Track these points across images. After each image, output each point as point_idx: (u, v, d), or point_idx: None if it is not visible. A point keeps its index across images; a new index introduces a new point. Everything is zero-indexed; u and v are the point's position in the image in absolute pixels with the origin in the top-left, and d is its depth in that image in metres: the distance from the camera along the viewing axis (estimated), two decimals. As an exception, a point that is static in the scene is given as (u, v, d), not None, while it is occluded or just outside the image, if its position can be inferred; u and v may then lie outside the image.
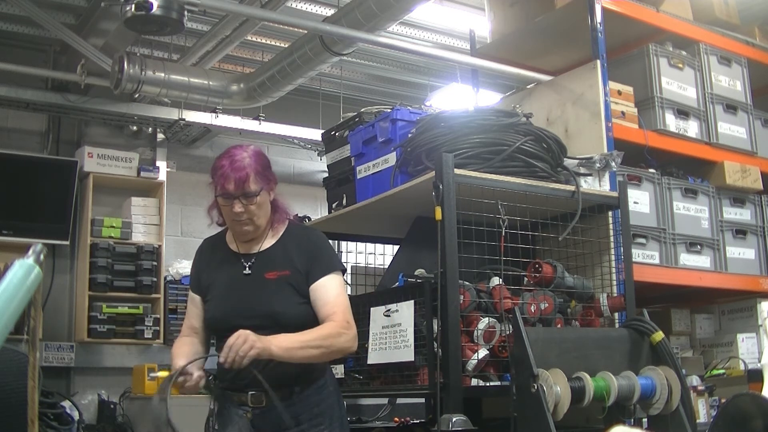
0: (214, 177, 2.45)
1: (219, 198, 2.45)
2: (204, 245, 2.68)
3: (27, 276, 1.46)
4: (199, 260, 2.64)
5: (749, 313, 4.06)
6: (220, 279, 2.53)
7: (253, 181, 2.42)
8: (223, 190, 2.42)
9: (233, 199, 2.41)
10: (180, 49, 5.91)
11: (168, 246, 6.39)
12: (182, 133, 6.61)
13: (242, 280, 2.50)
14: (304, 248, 2.51)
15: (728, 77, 4.20)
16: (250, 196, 2.42)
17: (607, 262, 3.07)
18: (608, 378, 2.50)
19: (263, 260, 2.50)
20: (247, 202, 2.42)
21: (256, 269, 2.50)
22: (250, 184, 2.41)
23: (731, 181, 4.00)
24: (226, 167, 2.41)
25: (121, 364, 6.07)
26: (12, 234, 5.66)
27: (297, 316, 2.43)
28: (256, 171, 2.43)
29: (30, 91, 5.86)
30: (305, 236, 2.57)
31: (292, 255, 2.49)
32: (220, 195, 2.44)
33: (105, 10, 4.97)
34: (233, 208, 2.42)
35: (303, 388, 2.42)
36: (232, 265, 2.53)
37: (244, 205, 2.41)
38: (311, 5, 5.59)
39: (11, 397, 1.99)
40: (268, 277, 2.47)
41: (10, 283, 1.43)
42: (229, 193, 2.41)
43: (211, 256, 2.61)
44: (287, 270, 2.47)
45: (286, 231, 2.56)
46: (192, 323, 2.59)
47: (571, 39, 3.86)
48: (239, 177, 2.39)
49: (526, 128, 2.96)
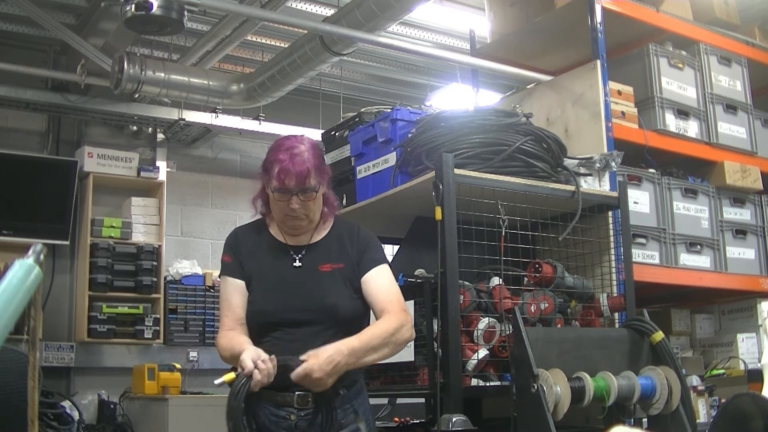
0: (270, 170, 2.30)
1: (275, 193, 2.31)
2: (240, 232, 2.49)
3: (27, 276, 1.46)
4: (237, 247, 2.43)
5: (749, 313, 4.06)
6: (267, 270, 2.37)
7: (314, 176, 2.30)
8: (282, 186, 2.28)
9: (291, 195, 2.29)
10: (180, 49, 5.91)
11: (168, 246, 6.39)
12: (182, 133, 6.61)
13: (293, 273, 2.35)
14: (355, 241, 2.40)
15: (728, 77, 4.20)
16: (309, 192, 2.30)
17: (607, 262, 3.07)
18: (608, 378, 2.50)
19: (315, 252, 2.38)
20: (305, 198, 2.30)
21: (307, 261, 2.37)
22: (311, 180, 2.29)
23: (731, 181, 4.00)
24: (286, 161, 2.27)
25: (121, 364, 6.07)
26: (12, 234, 5.66)
27: (353, 310, 2.33)
28: (315, 166, 2.31)
29: (30, 91, 5.86)
30: (356, 229, 2.45)
31: (345, 248, 2.39)
32: (278, 190, 2.29)
33: (105, 10, 4.96)
34: (290, 204, 2.29)
35: (347, 390, 2.29)
36: (278, 257, 2.38)
37: (302, 201, 2.30)
38: (311, 5, 5.58)
39: (11, 397, 1.99)
40: (323, 269, 2.34)
41: (10, 283, 1.43)
42: (287, 189, 2.28)
43: (253, 244, 2.43)
44: (341, 263, 2.36)
45: (335, 224, 2.45)
46: (238, 314, 2.35)
47: (571, 39, 3.86)
48: (300, 172, 2.26)
49: (526, 128, 2.96)
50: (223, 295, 2.40)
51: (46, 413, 3.59)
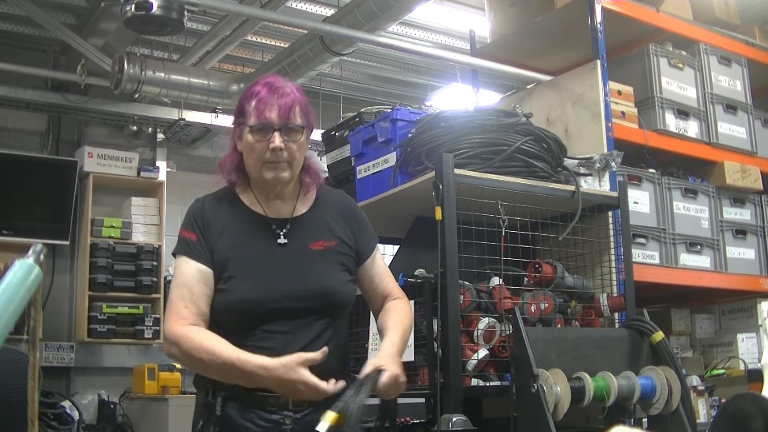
0: (245, 107, 2.00)
1: (251, 134, 1.97)
2: (205, 204, 2.08)
3: (27, 276, 1.46)
4: (205, 221, 2.03)
5: (749, 313, 4.06)
6: (246, 249, 2.00)
7: (299, 113, 2.00)
8: (261, 120, 1.96)
9: (273, 132, 1.96)
10: (180, 49, 5.91)
11: (168, 246, 6.38)
12: (182, 133, 6.62)
13: (278, 252, 2.00)
14: (348, 217, 2.13)
15: (728, 77, 4.20)
16: (295, 131, 1.98)
17: (607, 262, 3.06)
18: (608, 378, 2.50)
19: (301, 227, 2.05)
20: (289, 138, 1.98)
21: (294, 238, 2.03)
22: (296, 115, 1.99)
23: (731, 181, 4.00)
24: (264, 93, 1.98)
25: (121, 364, 6.07)
26: (12, 234, 5.67)
27: (349, 295, 2.06)
28: (301, 102, 2.02)
29: (30, 91, 5.86)
30: (346, 203, 2.19)
31: (336, 223, 2.10)
32: (256, 126, 1.96)
33: (105, 10, 4.97)
34: (272, 142, 1.95)
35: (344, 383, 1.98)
36: (258, 233, 2.02)
37: (285, 142, 1.97)
38: (311, 5, 5.59)
39: (11, 397, 1.98)
40: (314, 248, 2.02)
41: (10, 283, 1.43)
42: (269, 122, 1.96)
43: (226, 218, 2.04)
44: (333, 240, 2.06)
45: (320, 194, 2.15)
46: (200, 308, 1.94)
47: (571, 39, 3.86)
48: (285, 103, 1.97)
49: (526, 128, 2.96)
50: (180, 280, 1.96)
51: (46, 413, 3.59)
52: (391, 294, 2.15)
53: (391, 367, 1.88)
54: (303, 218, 2.08)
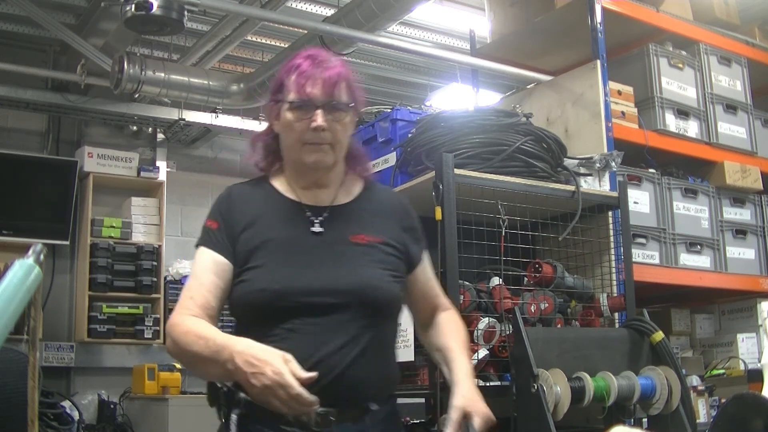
0: (284, 82, 1.78)
1: (291, 111, 1.75)
2: (236, 191, 1.87)
3: (27, 276, 1.46)
4: (231, 211, 1.81)
5: (749, 313, 4.06)
6: (275, 237, 1.76)
7: (346, 89, 1.77)
8: (302, 95, 1.73)
9: (315, 109, 1.73)
10: (180, 49, 5.91)
11: (168, 246, 6.39)
12: (182, 133, 6.62)
13: (311, 241, 1.77)
14: (400, 215, 1.90)
15: (728, 77, 4.20)
16: (340, 110, 1.75)
17: (607, 262, 3.07)
18: (608, 378, 2.50)
19: (342, 217, 1.81)
20: (333, 117, 1.74)
21: (331, 228, 1.79)
22: (342, 92, 1.76)
23: (731, 181, 4.00)
24: (307, 66, 1.75)
25: (121, 364, 6.07)
26: (12, 234, 5.66)
27: (394, 297, 1.79)
28: (347, 78, 1.79)
29: (30, 91, 5.86)
30: (398, 201, 1.95)
31: (384, 222, 1.85)
32: (297, 103, 1.74)
33: (105, 10, 4.97)
34: (314, 121, 1.72)
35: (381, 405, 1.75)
36: (290, 220, 1.79)
37: (329, 121, 1.74)
38: (311, 5, 5.58)
39: (11, 397, 1.98)
40: (355, 240, 1.78)
41: (10, 283, 1.43)
42: (310, 99, 1.73)
43: (256, 206, 1.82)
44: (380, 237, 1.81)
45: (367, 187, 1.91)
46: (206, 299, 1.72)
47: (571, 39, 3.86)
48: (329, 78, 1.74)
49: (526, 128, 2.96)
50: (193, 271, 1.79)
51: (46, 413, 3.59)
52: (441, 305, 1.97)
53: (479, 408, 1.69)
54: (345, 208, 1.83)
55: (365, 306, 1.72)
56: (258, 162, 1.89)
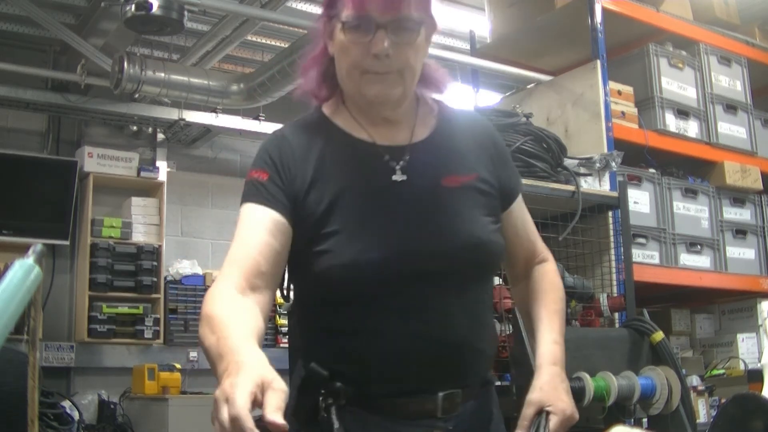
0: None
1: (345, 32, 1.38)
2: (286, 135, 1.47)
3: (27, 276, 1.46)
4: (281, 159, 1.43)
5: (749, 313, 4.06)
6: (350, 193, 1.40)
7: (415, 3, 1.38)
8: (360, 12, 1.36)
9: (376, 30, 1.36)
10: (180, 49, 5.91)
11: (168, 246, 6.39)
12: (182, 133, 6.61)
13: (397, 192, 1.41)
14: (487, 145, 1.53)
15: (728, 77, 4.20)
16: (408, 29, 1.38)
17: (607, 262, 3.07)
18: (608, 378, 2.50)
19: (425, 158, 1.46)
20: (400, 39, 1.37)
21: (416, 173, 1.43)
22: (410, 6, 1.37)
23: (731, 181, 4.00)
24: None
25: (121, 364, 6.06)
26: (12, 234, 5.66)
27: (502, 248, 1.49)
28: None
29: (30, 91, 5.85)
30: (482, 125, 1.58)
31: (471, 152, 1.50)
32: (352, 21, 1.37)
33: (105, 10, 4.96)
34: (375, 45, 1.36)
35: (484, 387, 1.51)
36: (366, 167, 1.44)
37: (394, 44, 1.36)
38: (311, 5, 5.58)
39: (11, 397, 1.99)
40: (447, 184, 1.44)
41: (10, 283, 1.43)
42: (369, 16, 1.36)
43: (317, 152, 1.44)
44: (471, 174, 1.47)
45: (445, 115, 1.54)
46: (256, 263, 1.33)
47: (571, 39, 3.86)
48: None
49: (526, 128, 2.96)
50: (237, 237, 1.40)
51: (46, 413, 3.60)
52: (537, 253, 1.63)
53: (558, 405, 1.45)
54: (426, 145, 1.48)
55: (474, 268, 1.44)
56: (313, 90, 1.49)
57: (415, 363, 1.35)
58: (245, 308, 1.29)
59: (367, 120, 1.48)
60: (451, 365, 1.38)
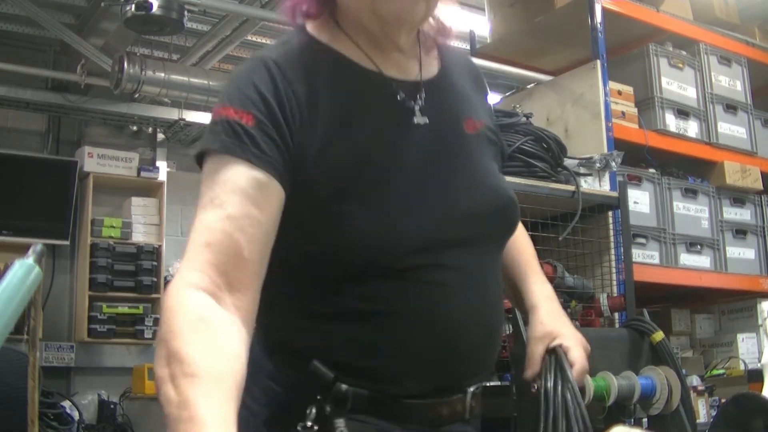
0: None
1: None
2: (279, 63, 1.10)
3: (27, 276, 1.46)
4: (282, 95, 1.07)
5: (749, 313, 4.06)
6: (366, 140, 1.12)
7: None
8: None
9: None
10: (180, 49, 5.91)
11: (168, 246, 6.39)
12: (182, 133, 6.61)
13: (420, 139, 1.15)
14: (480, 84, 1.35)
15: (728, 77, 4.20)
16: None
17: (607, 262, 3.07)
18: (608, 378, 2.50)
19: (440, 97, 1.22)
20: None
21: (435, 114, 1.18)
22: None
23: (731, 181, 4.00)
24: None
25: (121, 364, 6.07)
26: (12, 234, 5.66)
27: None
28: None
29: (30, 91, 5.86)
30: (468, 62, 1.39)
31: (475, 94, 1.31)
32: None
33: (105, 10, 4.97)
34: None
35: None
36: (378, 106, 1.16)
37: None
38: (311, 5, 5.58)
39: (11, 397, 1.99)
40: (468, 130, 1.22)
41: (10, 283, 1.43)
42: None
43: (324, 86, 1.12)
44: (481, 119, 1.26)
45: (442, 51, 1.34)
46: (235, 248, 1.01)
47: (571, 39, 3.86)
48: None
49: (526, 128, 2.96)
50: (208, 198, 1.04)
51: (46, 413, 3.60)
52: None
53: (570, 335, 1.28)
54: (438, 83, 1.23)
55: (508, 229, 1.22)
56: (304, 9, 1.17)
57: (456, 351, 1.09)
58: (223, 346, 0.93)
59: (373, 47, 1.17)
60: (486, 353, 1.16)
